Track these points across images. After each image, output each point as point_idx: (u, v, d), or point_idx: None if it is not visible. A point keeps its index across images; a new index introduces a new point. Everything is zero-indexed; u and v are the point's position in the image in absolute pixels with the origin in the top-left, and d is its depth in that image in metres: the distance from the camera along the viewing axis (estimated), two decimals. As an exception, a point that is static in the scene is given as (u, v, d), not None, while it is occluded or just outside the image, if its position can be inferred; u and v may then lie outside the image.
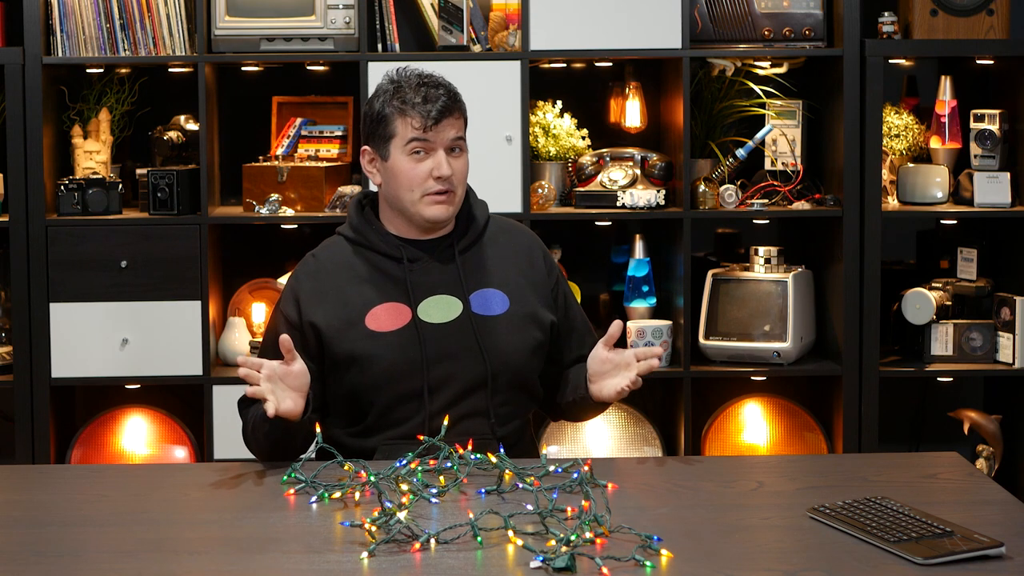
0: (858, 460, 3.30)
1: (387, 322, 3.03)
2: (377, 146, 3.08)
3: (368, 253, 3.09)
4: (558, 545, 2.35)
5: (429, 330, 3.04)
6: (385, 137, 3.06)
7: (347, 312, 3.04)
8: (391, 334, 3.02)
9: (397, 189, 3.05)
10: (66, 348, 4.27)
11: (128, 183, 4.47)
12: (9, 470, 3.19)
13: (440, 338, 3.03)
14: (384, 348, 3.02)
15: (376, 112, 3.07)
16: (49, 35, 4.29)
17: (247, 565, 2.38)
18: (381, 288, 3.06)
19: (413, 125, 3.02)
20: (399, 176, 3.04)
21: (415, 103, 3.02)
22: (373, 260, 3.08)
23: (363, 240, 3.10)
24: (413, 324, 3.03)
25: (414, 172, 3.03)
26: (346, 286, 3.06)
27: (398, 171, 3.04)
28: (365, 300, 3.05)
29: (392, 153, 3.05)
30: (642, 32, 4.27)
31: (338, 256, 3.11)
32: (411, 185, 3.04)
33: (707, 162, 4.45)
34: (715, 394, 4.56)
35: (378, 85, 3.11)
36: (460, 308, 3.06)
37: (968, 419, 4.34)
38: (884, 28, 4.36)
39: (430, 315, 3.05)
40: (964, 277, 4.47)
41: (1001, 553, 2.34)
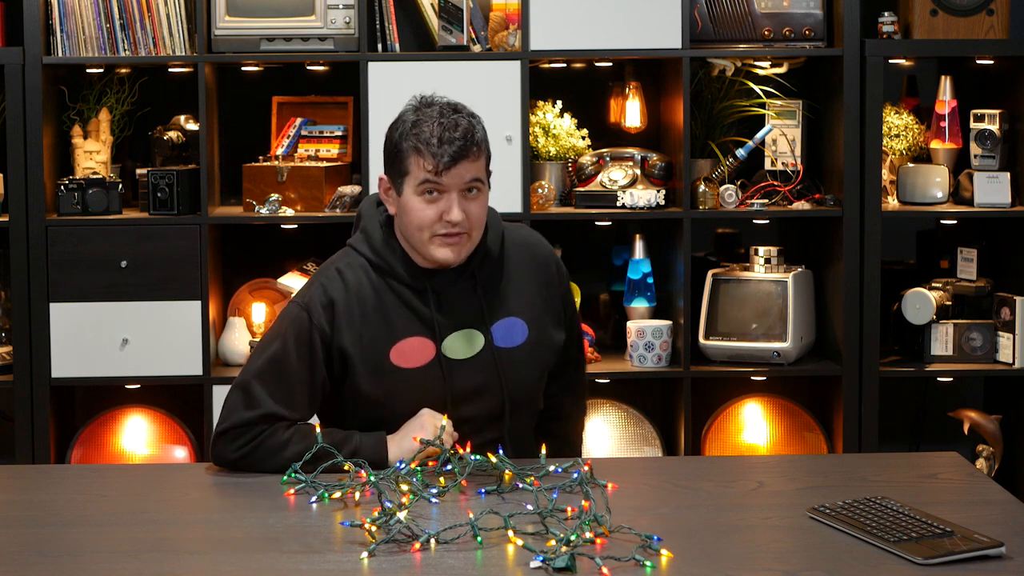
0: (858, 460, 3.30)
1: (412, 358, 2.95)
2: (392, 178, 2.95)
3: (393, 282, 2.97)
4: (558, 545, 2.35)
5: (453, 366, 2.97)
6: (400, 172, 2.92)
7: (373, 344, 2.95)
8: (416, 371, 2.95)
9: (408, 226, 2.93)
10: (66, 348, 4.27)
11: (128, 183, 4.47)
12: (9, 470, 3.20)
13: (463, 373, 2.97)
14: (407, 385, 2.95)
15: (394, 144, 2.93)
16: (49, 35, 4.29)
17: (247, 565, 2.38)
18: (407, 321, 2.96)
19: (425, 167, 2.88)
20: (410, 214, 2.91)
21: (430, 143, 2.87)
22: (398, 290, 2.97)
23: (389, 269, 2.97)
24: (437, 361, 2.96)
25: (424, 214, 2.89)
26: (372, 315, 2.95)
27: (409, 209, 2.91)
28: (391, 333, 2.95)
29: (405, 190, 2.91)
30: (642, 32, 4.27)
31: (363, 280, 2.97)
32: (420, 226, 2.90)
33: (707, 162, 4.45)
34: (715, 394, 4.56)
35: (404, 109, 2.95)
36: (482, 342, 2.99)
37: (968, 419, 4.34)
38: (884, 28, 4.36)
39: (454, 351, 2.97)
40: (964, 277, 4.47)
41: (1001, 553, 2.34)
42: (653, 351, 4.30)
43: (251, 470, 2.90)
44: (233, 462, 2.91)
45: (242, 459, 2.90)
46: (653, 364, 4.32)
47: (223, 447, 2.92)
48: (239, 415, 2.92)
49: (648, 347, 4.29)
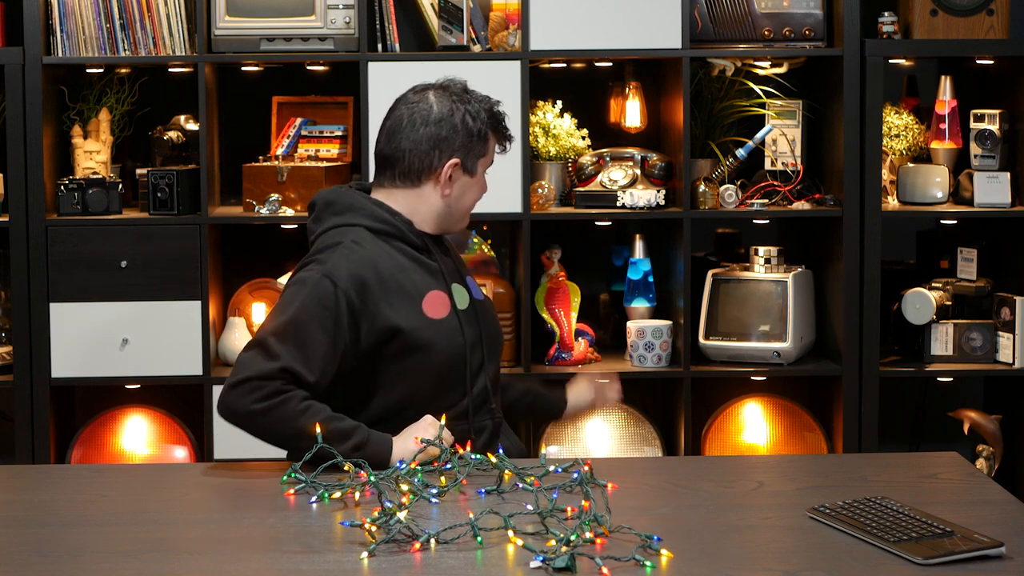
0: (858, 460, 3.30)
1: (438, 309, 3.09)
2: (467, 159, 3.14)
3: (397, 243, 3.11)
4: (558, 545, 2.35)
5: (463, 316, 3.12)
6: (479, 154, 3.15)
7: (409, 300, 3.06)
8: (442, 322, 3.08)
9: (467, 202, 3.17)
10: (66, 348, 4.27)
11: (128, 183, 4.47)
12: (9, 470, 3.20)
13: (469, 324, 3.13)
14: (442, 335, 3.07)
15: (477, 129, 3.14)
16: (49, 35, 4.29)
17: (247, 565, 2.38)
18: (423, 276, 3.10)
19: (499, 150, 3.21)
20: (475, 191, 3.18)
21: (506, 132, 3.21)
22: (404, 251, 3.11)
23: (396, 232, 3.11)
24: (454, 311, 3.11)
25: (482, 189, 3.20)
26: (398, 276, 3.07)
27: (476, 188, 3.18)
28: (417, 288, 3.08)
29: (478, 170, 3.16)
30: (642, 32, 4.27)
31: (375, 246, 3.08)
32: (475, 199, 3.19)
33: (707, 162, 4.45)
34: (715, 394, 4.56)
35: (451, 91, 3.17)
36: (468, 296, 3.16)
37: (968, 419, 4.34)
38: (884, 28, 4.36)
39: (457, 301, 3.13)
40: (964, 277, 4.47)
41: (1001, 553, 2.34)
42: (653, 351, 4.30)
43: (258, 431, 2.91)
44: (247, 415, 2.91)
45: (258, 414, 2.90)
46: (653, 364, 4.32)
47: (239, 397, 2.91)
48: (259, 366, 2.92)
49: (648, 347, 4.29)
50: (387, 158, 3.14)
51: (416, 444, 2.86)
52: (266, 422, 2.91)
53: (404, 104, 3.15)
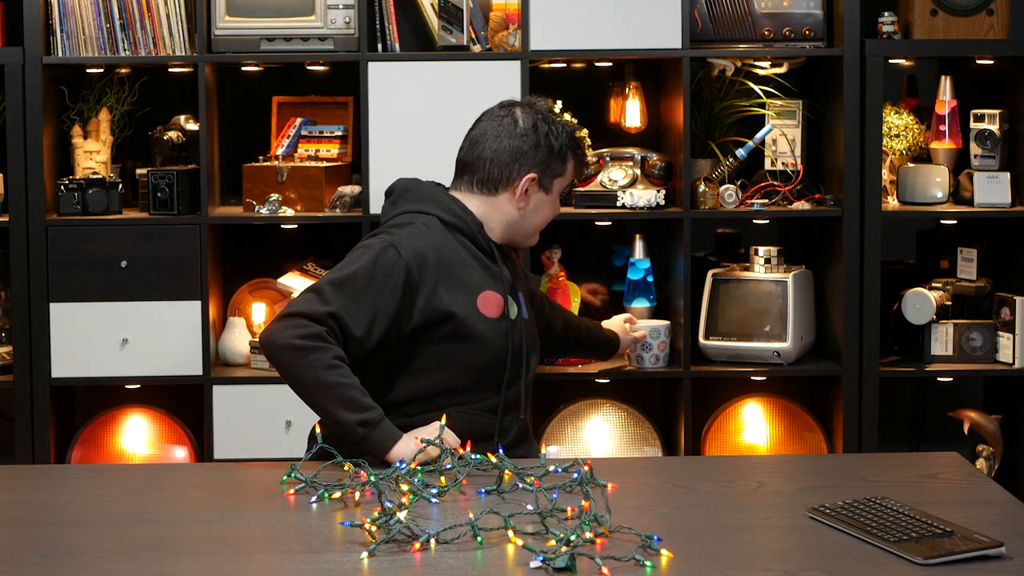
0: (858, 460, 3.30)
1: (492, 308, 3.17)
2: (545, 176, 3.27)
3: (466, 240, 3.21)
4: (558, 545, 2.35)
5: (512, 323, 3.20)
6: (556, 172, 3.28)
7: (466, 291, 3.15)
8: (494, 320, 3.17)
9: (539, 219, 3.31)
10: (66, 348, 4.27)
11: (128, 183, 4.47)
12: (9, 470, 3.20)
13: (515, 333, 3.20)
14: (491, 333, 3.15)
15: (559, 147, 3.27)
16: (49, 35, 4.29)
17: (247, 565, 2.39)
18: (482, 274, 3.19)
19: (575, 173, 3.37)
20: (547, 209, 3.32)
21: (586, 159, 3.43)
22: (470, 248, 3.21)
23: (465, 228, 3.21)
24: (506, 315, 3.19)
25: (554, 211, 3.35)
26: (459, 265, 3.17)
27: (549, 206, 3.32)
28: (475, 283, 3.17)
29: (553, 189, 3.29)
30: (642, 32, 4.27)
31: (441, 234, 3.19)
32: (547, 220, 3.34)
33: (707, 162, 4.45)
34: (715, 394, 4.56)
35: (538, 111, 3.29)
36: (517, 308, 3.24)
37: (968, 419, 4.34)
38: (884, 28, 4.36)
39: (511, 310, 3.22)
40: (964, 277, 4.47)
41: (1001, 553, 2.34)
42: (651, 351, 4.30)
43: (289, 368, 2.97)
44: (285, 347, 2.97)
45: (295, 349, 2.97)
46: (651, 364, 4.31)
47: (283, 328, 2.99)
48: (310, 307, 3.01)
49: (646, 347, 4.29)
50: (467, 164, 3.27)
51: (416, 444, 2.87)
52: (297, 359, 2.97)
53: (489, 117, 3.31)
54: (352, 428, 2.94)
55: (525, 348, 3.23)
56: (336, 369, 2.98)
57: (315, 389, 2.97)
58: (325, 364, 2.97)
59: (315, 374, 2.97)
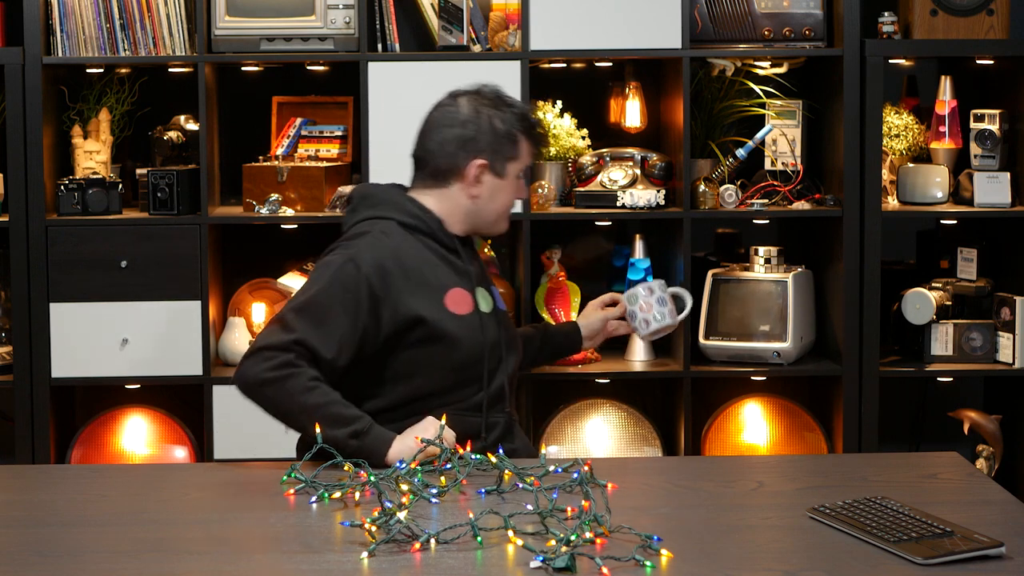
0: (858, 460, 3.30)
1: (461, 306, 3.15)
2: (496, 161, 3.21)
3: (427, 240, 3.19)
4: (558, 545, 2.35)
5: (484, 318, 3.18)
6: (507, 156, 3.22)
7: (431, 293, 3.13)
8: (464, 317, 3.15)
9: (498, 205, 3.24)
10: (66, 348, 4.27)
11: (128, 183, 4.47)
12: (9, 470, 3.20)
13: (489, 327, 3.18)
14: (463, 330, 3.13)
15: (505, 130, 3.21)
16: (49, 35, 4.29)
17: (247, 565, 2.38)
18: (448, 273, 3.18)
19: (532, 153, 3.27)
20: (507, 194, 3.24)
21: (539, 131, 3.28)
22: (432, 247, 3.19)
23: (424, 227, 3.19)
24: (476, 311, 3.17)
25: (517, 194, 3.27)
26: (422, 267, 3.14)
27: (507, 190, 3.24)
28: (440, 282, 3.15)
29: (508, 173, 3.23)
30: (642, 32, 4.27)
31: (401, 238, 3.17)
32: (510, 204, 3.26)
33: (707, 162, 4.45)
34: (715, 394, 4.56)
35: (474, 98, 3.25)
36: (492, 302, 3.23)
37: (968, 419, 4.34)
38: (884, 28, 4.35)
39: (482, 304, 3.20)
40: (964, 277, 4.47)
41: (1001, 553, 2.34)
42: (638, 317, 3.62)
43: (266, 402, 2.97)
44: (257, 383, 2.98)
45: (268, 383, 2.97)
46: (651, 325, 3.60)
47: (252, 365, 3.00)
48: (274, 337, 3.01)
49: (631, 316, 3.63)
50: (418, 159, 3.26)
51: (416, 444, 2.87)
52: (273, 392, 2.98)
53: (436, 108, 3.28)
54: (345, 443, 2.93)
55: (503, 341, 3.21)
56: (314, 390, 2.97)
57: (300, 415, 2.97)
58: (302, 388, 2.97)
59: (295, 401, 2.97)
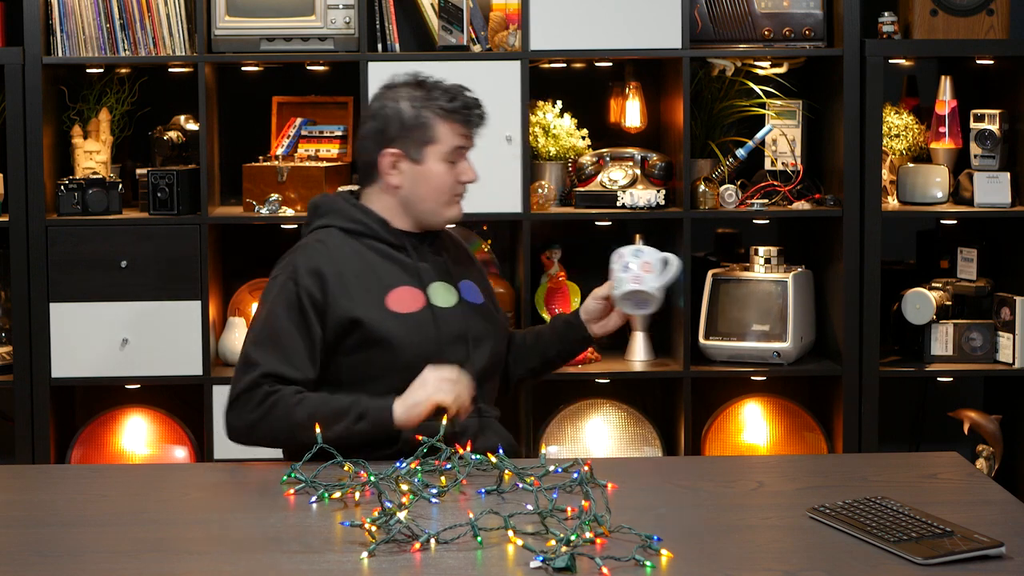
0: (858, 460, 3.30)
1: (406, 304, 3.10)
2: (408, 149, 3.13)
3: (370, 241, 3.15)
4: (558, 545, 2.35)
5: (441, 313, 3.12)
6: (423, 141, 3.12)
7: (369, 296, 3.09)
8: (412, 316, 3.09)
9: (426, 192, 3.14)
10: (66, 348, 4.27)
11: (128, 183, 4.47)
12: (9, 470, 3.20)
13: (449, 322, 3.12)
14: (407, 329, 3.08)
15: (411, 116, 3.12)
16: (49, 35, 4.29)
17: (247, 565, 2.38)
18: (393, 273, 3.13)
19: (459, 132, 3.13)
20: (432, 180, 3.13)
21: (460, 110, 3.13)
22: (377, 248, 3.14)
23: (365, 229, 3.15)
24: (429, 307, 3.12)
25: (447, 178, 3.13)
26: (361, 272, 3.10)
27: (431, 176, 3.13)
28: (382, 283, 3.10)
29: (428, 158, 3.13)
30: (642, 32, 4.27)
31: (342, 244, 3.14)
32: (443, 189, 3.14)
33: (707, 162, 4.45)
34: (715, 394, 4.56)
35: (393, 89, 3.17)
36: (456, 295, 3.17)
37: (968, 419, 4.34)
38: (884, 28, 4.36)
39: (437, 299, 3.14)
40: (964, 277, 4.47)
41: (1001, 553, 2.34)
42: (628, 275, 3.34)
43: (265, 438, 2.96)
44: (247, 428, 2.99)
45: (256, 424, 2.97)
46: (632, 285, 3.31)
47: (235, 417, 3.01)
48: (244, 379, 3.01)
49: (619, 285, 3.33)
50: (354, 163, 3.27)
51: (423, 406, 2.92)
52: (266, 427, 2.98)
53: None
54: (354, 431, 2.94)
55: (471, 335, 3.14)
56: (302, 403, 2.97)
57: (301, 431, 2.94)
58: (289, 408, 2.96)
59: (290, 422, 2.96)
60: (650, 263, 3.26)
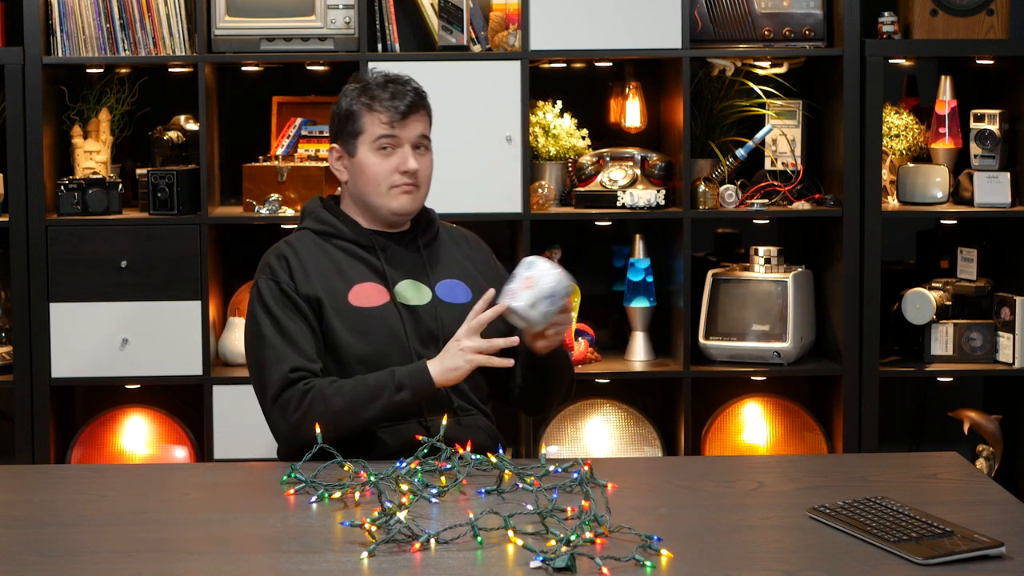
0: (858, 460, 3.30)
1: (369, 299, 3.11)
2: (345, 143, 3.18)
3: (339, 242, 3.17)
4: (558, 545, 2.35)
5: (406, 311, 3.12)
6: (353, 134, 3.16)
7: (332, 289, 3.10)
8: (375, 310, 3.10)
9: (364, 185, 3.16)
10: (66, 348, 4.27)
11: (128, 183, 4.47)
12: (9, 470, 3.20)
13: (418, 319, 3.12)
14: (370, 324, 3.08)
15: (344, 110, 3.17)
16: (49, 35, 4.29)
17: (247, 565, 2.38)
18: (358, 270, 3.14)
19: (381, 120, 3.13)
20: (366, 171, 3.15)
21: (383, 99, 3.13)
22: (345, 247, 3.16)
23: (332, 231, 3.17)
24: (393, 303, 3.11)
25: (380, 168, 3.13)
26: (325, 268, 3.12)
27: (365, 167, 3.15)
28: (345, 280, 3.12)
29: (359, 149, 3.15)
30: (642, 32, 4.27)
31: (310, 243, 3.17)
32: (378, 180, 3.14)
33: (707, 162, 4.45)
34: (715, 394, 4.56)
35: (344, 87, 3.23)
36: (430, 294, 3.16)
37: (968, 419, 4.34)
38: (884, 28, 4.36)
39: (405, 296, 3.13)
40: (964, 277, 4.47)
41: (1001, 553, 2.34)
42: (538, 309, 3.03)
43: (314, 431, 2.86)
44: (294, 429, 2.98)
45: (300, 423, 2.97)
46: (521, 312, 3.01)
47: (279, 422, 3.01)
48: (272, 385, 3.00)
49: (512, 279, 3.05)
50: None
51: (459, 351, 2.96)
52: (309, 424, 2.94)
53: None
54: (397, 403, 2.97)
55: (443, 334, 3.09)
56: (338, 392, 2.98)
57: (347, 419, 2.95)
58: (327, 399, 2.96)
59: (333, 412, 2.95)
60: (533, 278, 3.00)
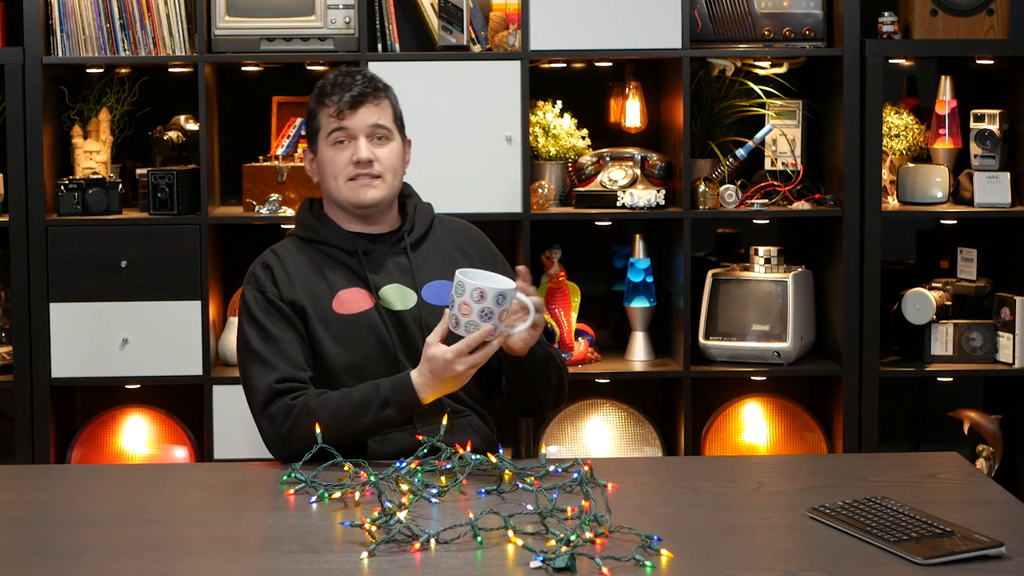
0: (858, 460, 3.30)
1: (352, 305, 3.10)
2: (310, 144, 3.21)
3: (323, 247, 3.17)
4: (558, 545, 2.35)
5: (391, 316, 3.11)
6: (313, 133, 3.19)
7: (316, 296, 3.10)
8: (359, 316, 3.09)
9: (326, 180, 3.17)
10: (66, 348, 4.27)
11: (128, 183, 4.47)
12: (9, 470, 3.20)
13: (403, 324, 3.11)
14: (354, 331, 3.08)
15: (309, 109, 3.21)
16: (49, 35, 4.29)
17: (247, 565, 2.38)
18: (341, 276, 3.13)
19: (330, 114, 3.14)
20: (324, 167, 3.17)
21: (331, 94, 3.14)
22: (329, 253, 3.16)
23: (316, 236, 3.17)
24: (376, 309, 3.10)
25: (336, 160, 3.14)
26: (308, 275, 3.12)
27: (323, 162, 3.17)
28: (328, 286, 3.12)
29: (319, 146, 3.18)
30: (642, 32, 4.27)
31: (293, 250, 3.18)
32: (335, 173, 3.14)
33: (707, 162, 4.45)
34: (715, 394, 4.56)
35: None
36: (415, 298, 3.14)
37: (968, 419, 4.34)
38: (884, 28, 4.36)
39: (390, 301, 3.12)
40: (964, 277, 4.47)
41: (1001, 553, 2.34)
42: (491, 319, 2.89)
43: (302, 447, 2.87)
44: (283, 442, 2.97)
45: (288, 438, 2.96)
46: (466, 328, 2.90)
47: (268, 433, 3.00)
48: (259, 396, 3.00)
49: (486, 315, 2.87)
50: None
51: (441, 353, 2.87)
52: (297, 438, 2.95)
53: None
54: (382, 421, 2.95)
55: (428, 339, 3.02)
56: (323, 406, 2.95)
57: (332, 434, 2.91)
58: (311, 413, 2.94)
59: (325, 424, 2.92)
60: (468, 304, 2.83)
